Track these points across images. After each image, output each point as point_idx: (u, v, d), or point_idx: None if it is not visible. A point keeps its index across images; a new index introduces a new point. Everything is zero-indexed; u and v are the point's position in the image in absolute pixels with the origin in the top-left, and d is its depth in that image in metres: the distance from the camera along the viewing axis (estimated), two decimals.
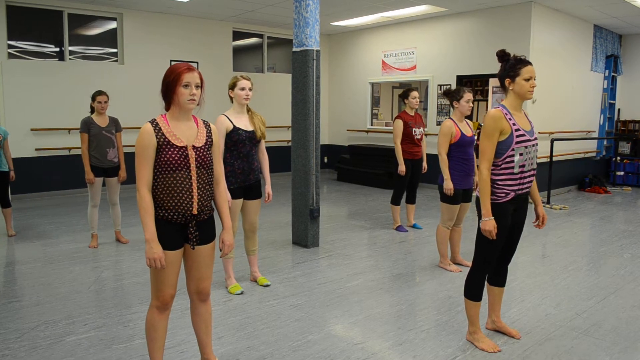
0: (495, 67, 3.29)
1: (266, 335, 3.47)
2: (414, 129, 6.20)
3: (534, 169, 3.19)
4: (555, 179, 9.11)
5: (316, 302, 4.09)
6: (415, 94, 6.22)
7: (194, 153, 2.59)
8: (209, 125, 2.74)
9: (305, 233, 5.67)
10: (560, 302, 4.14)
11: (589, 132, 10.33)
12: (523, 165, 3.11)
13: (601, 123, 10.69)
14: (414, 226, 6.63)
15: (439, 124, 9.85)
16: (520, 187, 3.14)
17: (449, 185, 4.69)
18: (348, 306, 4.02)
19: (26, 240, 5.90)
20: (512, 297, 4.20)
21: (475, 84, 10.95)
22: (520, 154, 3.08)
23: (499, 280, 3.43)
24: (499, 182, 3.12)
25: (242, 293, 4.24)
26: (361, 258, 5.36)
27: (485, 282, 3.37)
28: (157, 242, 2.51)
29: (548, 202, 8.40)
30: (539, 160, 8.73)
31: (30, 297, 4.17)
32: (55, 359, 3.12)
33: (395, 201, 6.46)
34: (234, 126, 4.04)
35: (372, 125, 11.57)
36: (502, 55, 3.15)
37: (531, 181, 3.21)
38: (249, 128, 4.12)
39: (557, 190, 9.52)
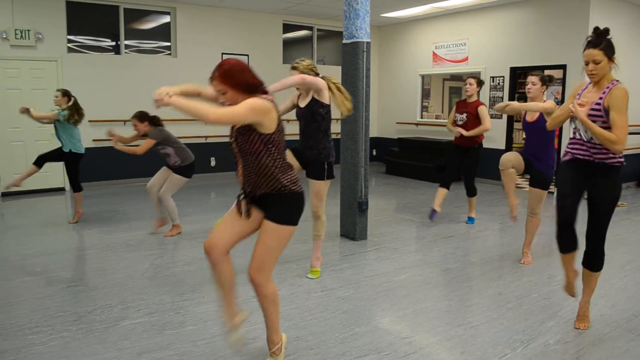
0: (551, 58, 3.25)
1: (314, 326, 3.50)
2: (457, 114, 6.22)
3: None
4: None
5: (364, 295, 4.09)
6: (470, 80, 6.19)
7: (235, 133, 2.72)
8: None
9: (353, 226, 5.67)
10: (616, 302, 3.99)
11: None
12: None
13: None
14: (467, 220, 6.51)
15: (492, 117, 9.59)
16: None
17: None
18: (396, 300, 4.00)
19: (84, 228, 6.14)
20: (566, 296, 4.07)
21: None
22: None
23: (585, 259, 3.54)
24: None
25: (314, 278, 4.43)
26: (409, 252, 5.32)
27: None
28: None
29: None
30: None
31: (87, 282, 4.34)
32: (111, 341, 3.25)
33: (440, 183, 6.34)
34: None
35: (422, 118, 11.41)
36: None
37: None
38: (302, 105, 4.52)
39: None
